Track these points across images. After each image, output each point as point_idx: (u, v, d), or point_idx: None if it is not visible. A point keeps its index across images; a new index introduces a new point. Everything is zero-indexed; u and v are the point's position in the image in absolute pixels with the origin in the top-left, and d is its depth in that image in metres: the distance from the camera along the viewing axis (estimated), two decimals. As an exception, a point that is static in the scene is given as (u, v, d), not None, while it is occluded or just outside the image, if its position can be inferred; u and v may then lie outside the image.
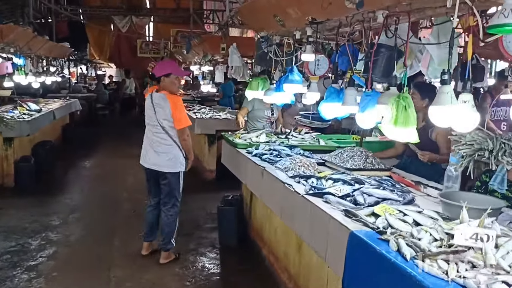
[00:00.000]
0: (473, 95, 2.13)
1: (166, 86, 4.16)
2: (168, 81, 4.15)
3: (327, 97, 3.22)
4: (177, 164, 4.20)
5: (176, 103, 4.11)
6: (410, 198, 2.74)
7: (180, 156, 4.20)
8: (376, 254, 1.92)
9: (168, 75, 4.14)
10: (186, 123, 4.14)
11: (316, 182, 3.05)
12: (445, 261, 1.71)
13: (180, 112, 4.12)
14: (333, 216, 2.37)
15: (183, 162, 4.23)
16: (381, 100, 2.46)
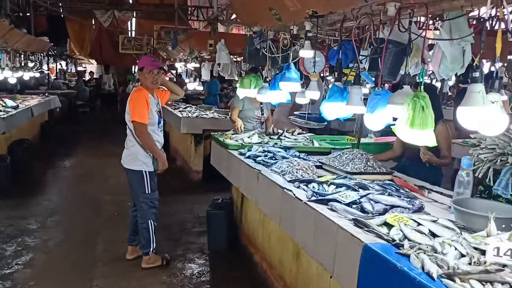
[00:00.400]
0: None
1: (142, 82, 4.08)
2: (141, 76, 4.05)
3: (329, 96, 3.03)
4: (136, 161, 3.98)
5: (135, 97, 3.94)
6: (420, 205, 2.56)
7: (140, 154, 3.97)
8: (397, 271, 1.73)
9: (141, 69, 4.03)
10: (140, 118, 3.87)
11: (317, 187, 2.85)
12: (478, 282, 1.52)
13: (135, 106, 3.90)
14: (342, 226, 2.17)
15: (146, 161, 3.98)
16: (394, 99, 2.28)
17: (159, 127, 4.09)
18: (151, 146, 3.95)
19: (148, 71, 3.95)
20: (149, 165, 3.99)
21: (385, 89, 2.48)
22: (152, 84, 3.99)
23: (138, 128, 3.89)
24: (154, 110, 3.99)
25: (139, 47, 16.51)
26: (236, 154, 4.05)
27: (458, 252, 1.74)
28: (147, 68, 3.96)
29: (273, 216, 3.04)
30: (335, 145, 4.70)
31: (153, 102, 4.01)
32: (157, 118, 4.02)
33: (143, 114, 3.88)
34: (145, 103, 3.90)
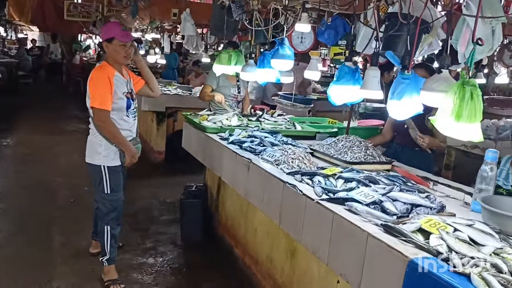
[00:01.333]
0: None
1: (109, 55, 3.31)
2: (111, 49, 3.28)
3: (338, 78, 2.67)
4: (94, 154, 3.33)
5: (96, 77, 3.23)
6: (441, 204, 2.30)
7: (98, 145, 3.30)
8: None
9: (110, 41, 3.26)
10: (100, 103, 3.17)
11: (324, 181, 2.52)
12: None
13: (96, 87, 3.20)
14: (373, 233, 1.85)
15: (106, 154, 3.30)
16: (432, 86, 1.95)
17: (130, 112, 3.37)
18: (115, 136, 3.27)
19: (121, 43, 3.25)
20: (111, 159, 3.32)
21: (414, 73, 2.15)
22: (124, 59, 3.30)
23: (98, 115, 3.20)
24: (121, 92, 3.27)
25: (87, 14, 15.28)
26: (216, 139, 3.63)
27: (532, 272, 1.46)
28: (120, 39, 3.23)
29: (271, 213, 2.69)
30: (316, 127, 4.39)
31: (120, 82, 3.29)
32: (125, 102, 3.31)
33: (104, 98, 3.17)
34: (108, 84, 3.18)
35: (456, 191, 2.79)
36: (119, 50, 3.26)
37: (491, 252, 1.72)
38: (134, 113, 3.45)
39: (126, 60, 3.35)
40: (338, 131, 4.10)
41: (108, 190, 3.34)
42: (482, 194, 2.36)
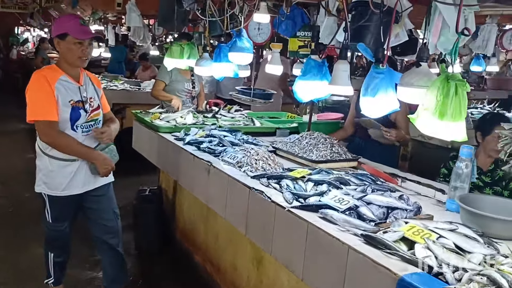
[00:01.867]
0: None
1: (62, 55, 2.71)
2: (63, 47, 2.64)
3: (305, 73, 2.46)
4: (37, 179, 2.78)
5: (31, 86, 2.63)
6: (417, 205, 2.17)
7: (43, 168, 2.73)
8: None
9: (63, 37, 2.62)
10: (44, 114, 2.58)
11: (292, 185, 2.32)
12: None
13: (30, 97, 2.62)
14: (355, 246, 1.67)
15: (46, 180, 2.72)
16: (410, 81, 1.79)
17: (79, 126, 2.71)
18: (72, 149, 2.67)
19: (76, 41, 2.61)
20: (53, 186, 2.73)
21: (389, 67, 1.98)
22: (79, 60, 2.66)
23: (43, 129, 2.62)
24: (65, 100, 2.63)
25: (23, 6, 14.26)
26: (170, 139, 3.35)
27: (534, 287, 1.33)
28: (76, 36, 2.60)
29: (236, 222, 2.46)
30: (275, 123, 4.20)
31: (65, 88, 2.66)
32: (68, 113, 2.64)
33: (47, 107, 2.59)
34: (47, 90, 2.58)
35: (426, 188, 2.68)
36: (74, 49, 2.62)
37: (481, 261, 1.60)
38: (89, 127, 2.77)
39: (82, 63, 2.70)
40: (299, 126, 3.93)
41: (49, 219, 2.83)
42: (458, 192, 2.26)
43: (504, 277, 1.37)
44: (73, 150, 2.69)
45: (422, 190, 2.65)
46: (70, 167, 2.73)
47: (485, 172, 3.06)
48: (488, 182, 3.04)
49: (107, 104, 3.02)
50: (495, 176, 3.04)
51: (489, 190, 3.03)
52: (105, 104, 2.97)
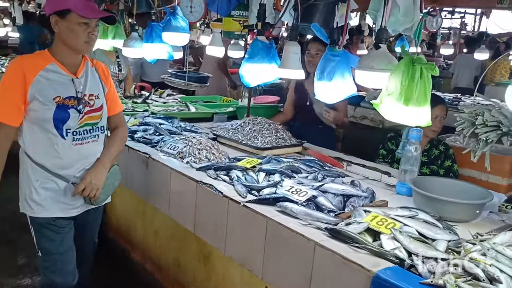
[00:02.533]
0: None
1: (61, 37, 2.03)
2: (63, 27, 1.99)
3: (251, 55, 2.29)
4: (21, 199, 2.17)
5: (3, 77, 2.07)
6: (371, 191, 2.13)
7: (26, 184, 2.12)
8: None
9: (64, 14, 1.98)
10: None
11: (243, 177, 2.17)
12: None
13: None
14: (321, 243, 1.57)
15: (35, 198, 2.09)
16: (370, 64, 1.69)
17: (66, 130, 2.07)
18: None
19: (82, 20, 1.99)
20: (33, 205, 2.10)
21: (344, 50, 1.87)
22: (86, 45, 2.04)
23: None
24: (49, 94, 2.02)
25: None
26: (99, 129, 3.03)
27: (509, 277, 1.31)
28: (82, 14, 1.98)
29: (182, 220, 2.27)
30: (211, 107, 4.01)
31: (52, 80, 2.03)
32: (52, 111, 2.02)
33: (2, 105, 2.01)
34: (14, 84, 1.99)
35: (372, 171, 2.67)
36: (78, 31, 1.99)
37: (446, 248, 1.57)
38: (84, 133, 2.12)
39: (88, 48, 2.07)
40: (236, 110, 3.77)
41: (37, 250, 2.20)
42: (408, 175, 2.25)
43: (479, 266, 1.33)
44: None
45: (368, 173, 2.64)
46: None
47: (422, 152, 3.13)
48: (425, 162, 3.12)
49: (118, 105, 2.34)
50: (431, 155, 3.12)
51: (426, 169, 3.10)
52: (113, 105, 2.29)
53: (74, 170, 2.12)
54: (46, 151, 2.07)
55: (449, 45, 7.72)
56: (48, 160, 2.08)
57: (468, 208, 1.88)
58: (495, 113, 1.70)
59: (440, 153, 3.13)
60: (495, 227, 1.89)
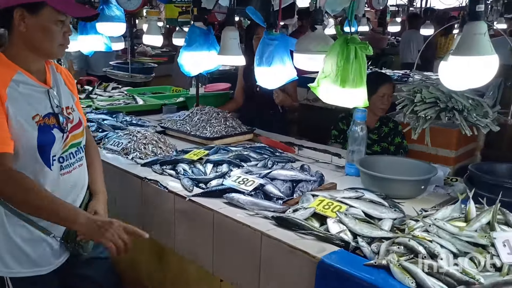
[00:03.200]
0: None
1: (27, 37, 1.58)
2: (33, 24, 1.56)
3: (189, 43, 2.21)
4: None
5: None
6: (320, 174, 2.13)
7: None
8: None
9: (35, 9, 1.55)
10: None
11: (190, 170, 2.11)
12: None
13: None
14: (267, 232, 1.54)
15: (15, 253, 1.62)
16: (307, 46, 1.66)
17: (52, 157, 1.63)
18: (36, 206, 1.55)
19: (58, 18, 1.57)
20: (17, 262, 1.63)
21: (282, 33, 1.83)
22: (60, 49, 1.63)
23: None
24: (26, 114, 1.57)
25: None
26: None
27: (449, 252, 1.33)
28: (60, 8, 1.56)
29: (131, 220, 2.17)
30: (160, 98, 3.90)
31: (25, 93, 1.58)
32: (35, 135, 1.57)
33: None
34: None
35: (323, 154, 2.67)
36: (53, 30, 1.57)
37: (392, 226, 1.58)
38: (70, 158, 1.70)
39: (62, 52, 1.67)
40: (186, 100, 3.68)
41: None
42: (355, 156, 2.26)
43: (421, 243, 1.34)
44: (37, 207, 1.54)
45: (319, 156, 2.64)
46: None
47: (372, 130, 3.17)
48: (376, 139, 3.16)
49: (83, 115, 1.88)
50: (381, 133, 3.16)
51: (377, 147, 3.15)
52: (82, 117, 1.84)
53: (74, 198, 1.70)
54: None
55: (397, 22, 7.86)
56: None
57: (412, 185, 1.91)
58: (432, 89, 1.72)
59: (390, 130, 3.18)
60: (440, 201, 1.92)
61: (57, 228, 1.65)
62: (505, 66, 3.34)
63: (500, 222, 1.40)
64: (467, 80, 1.37)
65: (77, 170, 1.73)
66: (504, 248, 1.23)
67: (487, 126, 1.68)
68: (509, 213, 1.44)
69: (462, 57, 1.34)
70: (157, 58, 6.38)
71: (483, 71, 1.32)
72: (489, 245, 1.28)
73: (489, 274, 1.21)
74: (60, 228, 1.65)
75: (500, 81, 3.24)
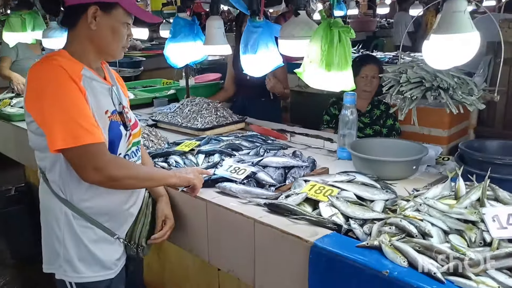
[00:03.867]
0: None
1: (94, 35, 1.56)
2: (105, 23, 1.54)
3: (174, 34, 2.19)
4: (51, 254, 1.62)
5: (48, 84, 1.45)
6: (312, 159, 2.13)
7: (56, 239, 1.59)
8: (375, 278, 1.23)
9: (109, 8, 1.54)
10: (78, 137, 1.42)
11: (182, 161, 2.11)
12: (500, 272, 1.15)
13: (52, 106, 1.43)
14: (260, 219, 1.55)
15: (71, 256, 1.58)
16: (291, 32, 1.65)
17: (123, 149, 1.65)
18: (147, 177, 1.64)
19: (126, 20, 1.59)
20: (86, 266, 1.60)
21: (266, 19, 1.82)
22: (121, 51, 1.63)
23: (87, 160, 1.45)
24: (99, 110, 1.55)
25: None
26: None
27: (440, 230, 1.34)
28: (131, 10, 1.58)
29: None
30: (151, 92, 3.89)
31: (95, 91, 1.56)
32: (105, 132, 1.55)
33: (87, 122, 1.46)
34: (80, 96, 1.48)
35: (315, 139, 2.68)
36: (121, 32, 1.57)
37: (384, 208, 1.59)
38: (133, 157, 1.71)
39: (122, 52, 1.65)
40: (177, 92, 3.66)
41: None
42: (347, 139, 2.26)
43: (412, 223, 1.35)
44: (148, 177, 1.64)
45: (311, 141, 2.64)
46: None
47: (364, 113, 3.17)
48: (368, 123, 3.17)
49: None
50: (373, 116, 3.17)
51: (369, 130, 3.15)
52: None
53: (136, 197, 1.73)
54: (98, 188, 1.56)
55: (385, 4, 7.82)
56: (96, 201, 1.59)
57: (403, 165, 1.91)
58: (417, 69, 1.72)
59: (382, 112, 3.18)
60: (432, 180, 1.93)
61: (121, 229, 1.68)
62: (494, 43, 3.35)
63: (490, 198, 1.41)
64: (449, 58, 1.36)
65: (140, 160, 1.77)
66: (493, 223, 1.24)
67: (473, 104, 1.68)
68: (498, 188, 1.45)
69: (442, 36, 1.33)
70: (147, 51, 6.34)
71: (463, 48, 1.32)
72: (479, 221, 1.29)
73: (479, 249, 1.22)
74: (123, 229, 1.69)
75: (490, 59, 3.24)
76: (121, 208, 1.66)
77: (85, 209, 1.57)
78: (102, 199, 1.59)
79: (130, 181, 1.56)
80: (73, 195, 1.56)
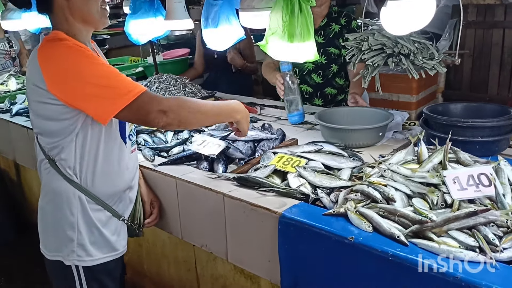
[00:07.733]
0: None
1: (74, 8, 1.48)
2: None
3: (134, 10, 2.12)
4: (60, 237, 1.56)
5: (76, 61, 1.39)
6: (281, 132, 2.14)
7: (76, 224, 1.54)
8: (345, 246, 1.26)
9: None
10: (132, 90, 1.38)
11: (151, 139, 2.09)
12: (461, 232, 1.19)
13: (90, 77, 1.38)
14: (229, 193, 1.56)
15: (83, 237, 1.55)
16: (249, 4, 1.62)
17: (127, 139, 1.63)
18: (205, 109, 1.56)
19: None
20: (98, 254, 1.59)
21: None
22: (104, 20, 1.55)
23: (151, 106, 1.39)
24: None
25: None
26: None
27: (403, 194, 1.37)
28: None
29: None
30: (120, 69, 3.79)
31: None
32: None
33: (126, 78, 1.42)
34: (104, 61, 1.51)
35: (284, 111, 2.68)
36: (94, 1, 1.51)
37: (350, 175, 1.62)
38: (133, 137, 1.71)
39: (104, 22, 1.56)
40: (145, 70, 3.60)
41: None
42: (293, 106, 2.32)
43: (377, 189, 1.38)
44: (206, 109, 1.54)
45: (280, 113, 2.65)
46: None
47: (317, 30, 2.51)
48: (321, 43, 2.54)
49: None
50: (329, 33, 2.57)
51: (322, 57, 2.56)
52: None
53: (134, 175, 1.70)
54: (111, 171, 1.56)
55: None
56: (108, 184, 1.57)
57: (369, 133, 1.94)
58: (378, 36, 1.72)
59: (342, 28, 2.56)
60: (398, 145, 1.97)
61: (126, 210, 1.68)
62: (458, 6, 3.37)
63: (451, 161, 1.45)
64: (406, 24, 1.37)
65: (136, 149, 1.75)
66: (454, 185, 1.27)
67: (434, 68, 1.69)
68: (459, 151, 1.48)
69: (398, 1, 1.33)
70: (113, 29, 6.16)
71: (419, 12, 1.32)
72: (440, 184, 1.33)
73: (441, 211, 1.26)
74: (128, 211, 1.69)
75: (455, 22, 3.27)
76: (125, 192, 1.66)
77: (98, 193, 1.56)
78: (112, 182, 1.58)
79: (198, 115, 1.52)
80: (87, 179, 1.53)
